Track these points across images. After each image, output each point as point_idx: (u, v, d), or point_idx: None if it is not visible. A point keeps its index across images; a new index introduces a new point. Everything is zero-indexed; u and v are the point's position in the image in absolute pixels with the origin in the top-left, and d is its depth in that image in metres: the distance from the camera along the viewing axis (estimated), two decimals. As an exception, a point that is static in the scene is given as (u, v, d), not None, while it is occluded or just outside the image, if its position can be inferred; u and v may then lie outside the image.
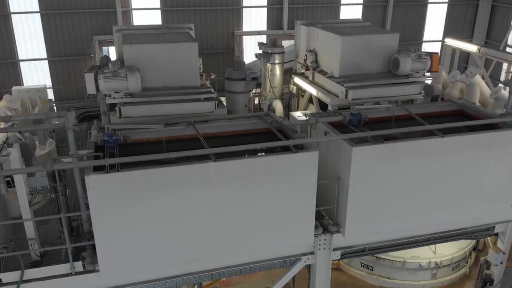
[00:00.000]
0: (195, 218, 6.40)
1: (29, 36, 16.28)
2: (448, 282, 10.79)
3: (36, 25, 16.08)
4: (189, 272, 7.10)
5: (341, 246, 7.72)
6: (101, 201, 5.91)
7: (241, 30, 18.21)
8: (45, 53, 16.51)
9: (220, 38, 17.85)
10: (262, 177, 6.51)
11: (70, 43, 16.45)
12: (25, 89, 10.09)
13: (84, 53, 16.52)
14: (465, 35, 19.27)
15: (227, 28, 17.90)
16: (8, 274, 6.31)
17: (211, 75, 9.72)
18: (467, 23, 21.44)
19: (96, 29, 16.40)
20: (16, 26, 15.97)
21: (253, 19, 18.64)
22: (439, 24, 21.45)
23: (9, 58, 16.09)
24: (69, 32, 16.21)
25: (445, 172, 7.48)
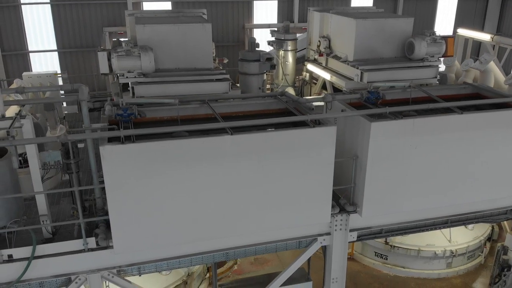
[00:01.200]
0: (210, 193, 6.27)
1: (39, 27, 16.28)
2: (463, 272, 10.58)
3: (46, 16, 16.07)
4: (204, 251, 6.97)
5: (357, 227, 7.57)
6: (116, 173, 5.80)
7: (251, 23, 18.13)
8: (55, 45, 16.50)
9: (230, 31, 17.77)
10: (278, 152, 6.38)
11: (80, 35, 16.42)
12: (35, 74, 10.02)
13: (94, 44, 16.49)
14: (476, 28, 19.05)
15: (237, 21, 17.83)
16: (19, 249, 6.19)
17: (224, 59, 9.64)
18: (478, 16, 21.25)
19: (106, 21, 16.36)
20: (26, 17, 15.94)
21: (263, 12, 18.59)
22: (450, 17, 21.31)
23: (19, 49, 16.08)
24: (79, 23, 16.19)
25: (464, 150, 7.33)
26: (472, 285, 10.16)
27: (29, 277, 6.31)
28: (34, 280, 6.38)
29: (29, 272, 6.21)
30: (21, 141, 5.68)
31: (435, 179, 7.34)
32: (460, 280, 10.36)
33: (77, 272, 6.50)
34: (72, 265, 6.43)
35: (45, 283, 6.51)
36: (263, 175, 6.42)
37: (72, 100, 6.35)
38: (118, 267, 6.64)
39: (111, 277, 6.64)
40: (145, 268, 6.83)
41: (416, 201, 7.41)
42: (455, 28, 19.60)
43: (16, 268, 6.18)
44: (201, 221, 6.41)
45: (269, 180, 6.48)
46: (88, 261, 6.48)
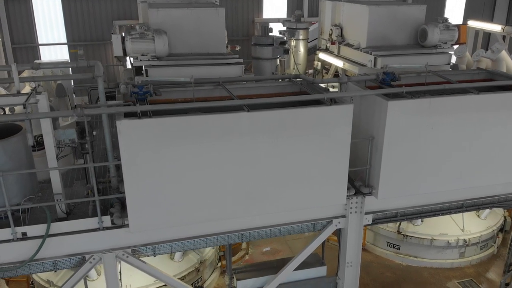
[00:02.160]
0: (226, 171, 6.22)
1: (49, 20, 16.34)
2: (476, 262, 10.46)
3: (57, 9, 16.13)
4: (219, 231, 6.90)
5: (373, 210, 7.48)
6: (132, 148, 5.75)
7: (261, 17, 18.12)
8: (65, 38, 16.54)
9: (240, 25, 17.79)
10: (295, 131, 6.32)
11: (90, 28, 16.46)
12: (47, 63, 10.03)
13: (104, 38, 16.51)
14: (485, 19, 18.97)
15: (247, 15, 17.84)
16: (33, 227, 6.12)
17: (236, 46, 9.62)
18: (487, 7, 21.12)
19: (116, 14, 16.39)
20: (36, 10, 16.02)
21: (273, 6, 18.58)
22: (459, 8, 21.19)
23: (29, 42, 16.14)
24: (90, 16, 16.23)
25: (480, 132, 7.24)
26: (485, 275, 10.05)
27: (43, 256, 6.24)
28: (47, 259, 6.32)
29: (43, 250, 6.14)
30: (37, 115, 5.65)
31: (451, 161, 7.26)
32: (473, 269, 10.25)
33: (91, 251, 6.43)
34: (86, 244, 6.37)
35: (58, 263, 6.45)
36: (279, 154, 6.37)
37: (88, 78, 6.26)
38: (133, 246, 6.58)
39: (125, 257, 6.58)
40: (160, 248, 6.77)
41: (432, 183, 7.34)
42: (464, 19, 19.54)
43: (30, 246, 6.11)
44: (217, 200, 6.36)
45: (285, 159, 6.43)
46: (102, 240, 6.42)
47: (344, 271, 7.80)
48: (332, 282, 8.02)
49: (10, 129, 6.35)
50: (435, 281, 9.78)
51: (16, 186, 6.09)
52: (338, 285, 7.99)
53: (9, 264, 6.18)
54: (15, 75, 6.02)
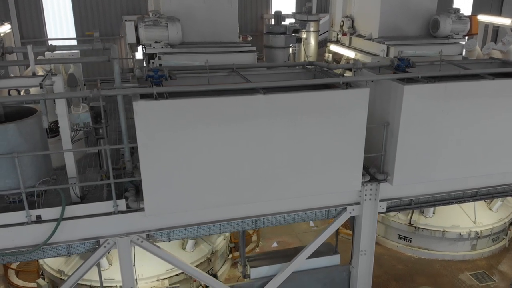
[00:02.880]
0: (241, 155, 6.17)
1: (59, 15, 16.36)
2: (488, 254, 10.38)
3: (66, 4, 16.18)
4: (233, 217, 6.87)
5: (387, 197, 7.43)
6: (148, 130, 5.72)
7: (269, 13, 18.11)
8: (74, 33, 16.54)
9: (248, 21, 17.78)
10: (310, 114, 6.28)
11: (99, 23, 16.48)
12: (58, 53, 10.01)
13: (114, 33, 16.53)
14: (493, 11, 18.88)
15: (255, 11, 17.83)
16: (48, 210, 6.09)
17: (248, 37, 9.60)
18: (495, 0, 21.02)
19: (126, 9, 16.41)
20: (46, 5, 16.04)
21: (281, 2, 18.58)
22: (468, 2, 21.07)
23: (38, 37, 16.17)
24: (99, 12, 16.26)
25: (494, 118, 7.18)
26: (497, 267, 9.96)
27: (57, 240, 6.19)
28: (61, 243, 6.28)
29: (57, 234, 6.10)
30: (53, 95, 5.63)
31: (466, 147, 7.20)
32: (485, 262, 10.17)
33: (105, 235, 6.40)
34: (101, 228, 6.33)
35: (72, 247, 6.41)
36: (295, 138, 6.32)
37: (103, 60, 6.24)
38: (148, 231, 6.54)
39: (140, 241, 6.54)
40: (174, 233, 6.73)
41: (446, 170, 7.28)
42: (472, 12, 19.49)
43: (44, 229, 6.07)
44: (232, 184, 6.31)
45: (301, 143, 6.38)
46: (117, 224, 6.38)
47: (358, 260, 7.74)
48: (346, 270, 7.96)
49: (25, 112, 6.34)
50: (447, 273, 9.70)
51: (30, 168, 6.06)
52: (352, 273, 7.93)
53: (23, 248, 6.16)
54: (31, 57, 6.00)
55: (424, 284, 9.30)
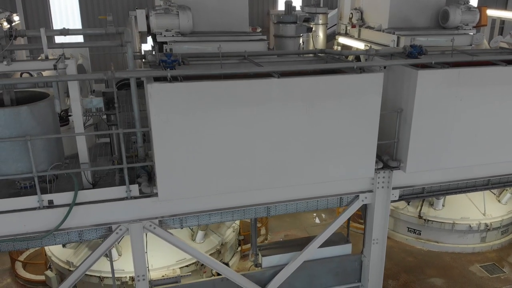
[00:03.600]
0: (254, 140, 6.13)
1: (65, 10, 16.31)
2: (498, 247, 10.31)
3: (73, 0, 16.19)
4: (246, 204, 6.81)
5: (400, 185, 7.38)
6: (162, 113, 5.68)
7: (276, 9, 18.10)
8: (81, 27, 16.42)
9: (255, 17, 17.71)
10: (324, 99, 6.24)
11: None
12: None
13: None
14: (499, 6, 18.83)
15: (262, 7, 17.80)
16: (60, 194, 6.04)
17: (257, 28, 9.57)
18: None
19: (132, 5, 16.36)
20: (52, 0, 16.00)
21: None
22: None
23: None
24: (105, 7, 16.19)
25: (507, 105, 7.16)
26: (507, 259, 9.90)
27: (69, 225, 6.14)
28: (73, 229, 6.22)
29: (69, 220, 6.05)
30: (67, 77, 5.58)
31: (480, 134, 7.16)
32: (495, 254, 10.11)
33: (118, 221, 6.35)
34: (113, 213, 6.28)
35: (84, 233, 6.35)
36: (308, 123, 6.28)
37: (116, 45, 6.21)
38: (161, 217, 6.49)
39: (152, 228, 6.48)
40: (187, 220, 6.67)
41: (460, 157, 7.23)
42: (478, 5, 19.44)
43: (56, 215, 6.02)
44: (245, 169, 6.26)
45: (314, 129, 6.34)
46: (130, 210, 6.33)
47: (370, 249, 7.67)
48: (357, 260, 7.90)
49: (36, 97, 6.28)
50: (457, 265, 9.63)
51: (43, 152, 6.00)
52: (364, 263, 7.87)
53: (34, 234, 6.10)
54: (44, 40, 5.97)
55: (434, 276, 9.24)
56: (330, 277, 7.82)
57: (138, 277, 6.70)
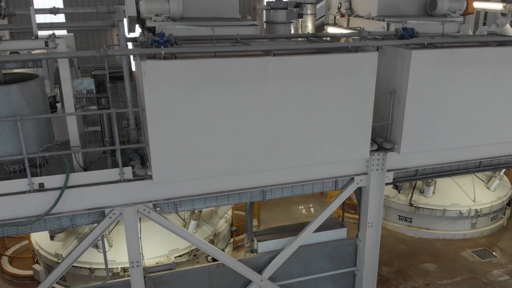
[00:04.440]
0: (250, 120, 6.04)
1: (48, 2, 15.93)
2: (488, 233, 10.43)
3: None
4: (241, 187, 6.72)
5: (394, 168, 7.38)
6: (157, 92, 5.56)
7: (262, 5, 18.06)
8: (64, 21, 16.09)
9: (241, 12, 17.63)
10: (320, 79, 6.21)
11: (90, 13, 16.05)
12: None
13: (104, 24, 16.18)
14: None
15: (248, 2, 17.74)
16: (51, 177, 5.85)
17: (246, 16, 9.52)
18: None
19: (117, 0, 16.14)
20: (35, -6, 15.68)
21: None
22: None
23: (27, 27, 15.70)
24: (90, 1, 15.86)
25: (498, 86, 7.23)
26: (498, 245, 10.02)
27: (60, 210, 5.96)
28: (65, 214, 6.04)
29: (60, 204, 5.87)
30: (58, 54, 5.44)
31: (472, 115, 7.22)
32: (485, 240, 10.21)
33: (111, 205, 6.19)
34: (106, 197, 6.12)
35: (76, 217, 6.17)
36: (304, 103, 6.24)
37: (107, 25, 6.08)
38: (155, 201, 6.35)
39: (147, 212, 6.34)
40: (182, 204, 6.55)
41: (453, 138, 7.28)
42: None
43: (47, 199, 5.83)
44: (241, 150, 6.17)
45: (310, 109, 6.30)
46: (123, 194, 6.17)
47: (366, 232, 7.65)
48: (353, 244, 7.87)
49: (25, 79, 6.10)
50: (449, 251, 9.70)
51: (33, 134, 5.83)
52: (359, 247, 7.84)
53: (25, 219, 5.89)
54: (33, 19, 5.82)
55: (427, 262, 9.28)
56: (325, 262, 7.77)
57: (132, 264, 6.53)
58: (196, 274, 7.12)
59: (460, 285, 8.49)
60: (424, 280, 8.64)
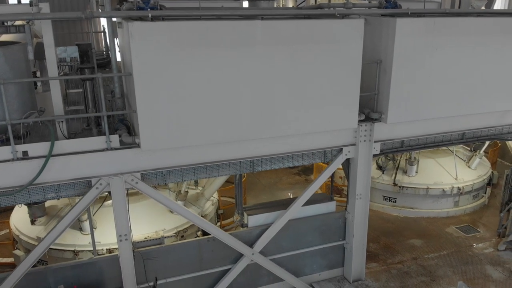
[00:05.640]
0: (238, 85, 5.98)
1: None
2: (470, 211, 10.60)
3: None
4: (231, 158, 6.64)
5: (381, 139, 7.44)
6: (144, 54, 5.45)
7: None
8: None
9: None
10: (307, 45, 6.21)
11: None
12: None
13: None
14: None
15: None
16: (35, 145, 5.65)
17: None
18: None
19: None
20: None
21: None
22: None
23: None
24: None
25: (480, 57, 7.41)
26: (481, 221, 10.18)
27: (45, 180, 5.76)
28: (50, 184, 5.84)
29: (45, 174, 5.67)
30: (43, 15, 5.27)
31: (455, 85, 7.36)
32: (468, 217, 10.37)
33: (98, 175, 6.01)
34: (93, 166, 5.94)
35: (62, 188, 5.98)
36: (292, 69, 6.22)
37: None
38: (143, 170, 6.21)
39: (135, 183, 6.18)
40: (170, 175, 6.43)
41: (437, 108, 7.39)
42: None
43: (31, 167, 5.62)
44: (230, 116, 6.10)
45: (297, 76, 6.29)
46: (110, 163, 6.01)
47: (354, 204, 7.67)
48: (342, 217, 7.87)
49: (7, 46, 5.92)
50: (434, 228, 9.80)
51: (16, 100, 5.66)
52: (348, 219, 7.84)
53: (7, 189, 5.66)
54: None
55: (413, 238, 9.35)
56: (315, 235, 7.74)
57: (120, 237, 6.35)
58: (185, 249, 6.98)
59: (446, 258, 8.58)
60: (411, 254, 8.71)
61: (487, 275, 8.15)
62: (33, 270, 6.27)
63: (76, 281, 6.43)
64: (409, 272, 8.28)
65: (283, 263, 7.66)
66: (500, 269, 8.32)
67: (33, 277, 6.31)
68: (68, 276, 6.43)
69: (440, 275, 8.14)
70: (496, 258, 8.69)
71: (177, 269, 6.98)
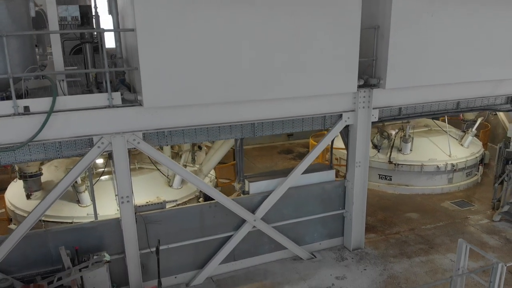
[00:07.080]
0: (239, 41, 6.01)
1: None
2: (464, 187, 10.73)
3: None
4: (232, 121, 6.65)
5: (379, 106, 7.53)
6: (147, 9, 5.46)
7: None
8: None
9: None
10: (308, 4, 6.30)
11: None
12: None
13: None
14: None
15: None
16: (37, 100, 5.61)
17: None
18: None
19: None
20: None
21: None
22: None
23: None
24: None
25: (475, 25, 7.57)
26: (474, 196, 10.31)
27: (46, 136, 5.69)
28: (51, 141, 5.77)
29: (46, 130, 5.60)
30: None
31: (452, 51, 7.50)
32: (462, 193, 10.49)
33: (100, 133, 5.96)
34: (94, 124, 5.90)
35: (63, 146, 5.91)
36: (292, 29, 6.27)
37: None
38: (145, 130, 6.17)
39: (136, 142, 6.15)
40: (172, 136, 6.40)
41: (434, 74, 7.53)
42: None
43: (33, 123, 5.55)
44: (231, 75, 6.12)
45: (298, 36, 6.34)
46: (112, 121, 5.97)
47: (354, 172, 7.72)
48: (341, 186, 7.91)
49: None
50: (429, 203, 9.89)
51: (18, 54, 5.59)
52: (347, 187, 7.88)
53: (8, 145, 5.57)
54: None
55: (410, 211, 9.42)
56: (315, 204, 7.76)
57: (122, 199, 6.29)
58: (187, 214, 6.93)
59: (443, 228, 8.66)
60: (409, 226, 8.76)
61: (484, 242, 8.25)
62: (32, 233, 6.15)
63: (76, 245, 6.32)
64: (407, 241, 8.34)
65: (284, 231, 7.66)
66: (496, 237, 8.44)
67: (32, 240, 6.20)
68: (69, 240, 6.32)
69: (438, 243, 8.22)
70: (492, 228, 8.81)
71: (179, 235, 6.93)
